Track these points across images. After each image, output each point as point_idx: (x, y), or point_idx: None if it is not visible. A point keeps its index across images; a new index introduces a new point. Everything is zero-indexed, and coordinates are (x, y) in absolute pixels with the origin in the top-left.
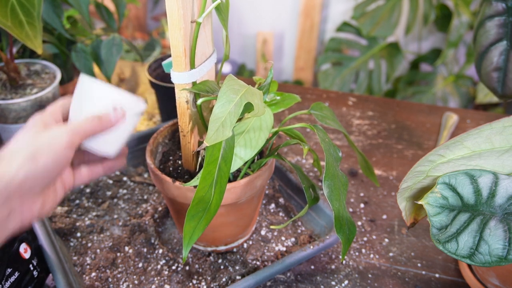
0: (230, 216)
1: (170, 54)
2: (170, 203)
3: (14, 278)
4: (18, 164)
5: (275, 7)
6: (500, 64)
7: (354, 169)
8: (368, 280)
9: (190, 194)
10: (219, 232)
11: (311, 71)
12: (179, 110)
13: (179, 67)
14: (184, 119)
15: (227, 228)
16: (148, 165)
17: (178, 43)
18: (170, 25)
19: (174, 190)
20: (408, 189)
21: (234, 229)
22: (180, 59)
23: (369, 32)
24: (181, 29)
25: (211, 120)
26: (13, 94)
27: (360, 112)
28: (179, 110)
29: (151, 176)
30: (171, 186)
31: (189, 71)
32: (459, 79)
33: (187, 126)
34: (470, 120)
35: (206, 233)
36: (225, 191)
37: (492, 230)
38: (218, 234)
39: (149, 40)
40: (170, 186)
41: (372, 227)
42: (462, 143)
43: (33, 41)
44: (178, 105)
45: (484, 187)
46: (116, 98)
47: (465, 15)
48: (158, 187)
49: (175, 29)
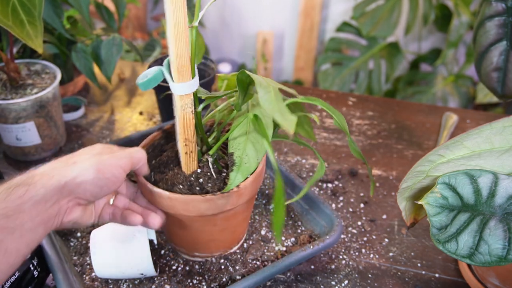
0: (219, 226)
1: (167, 55)
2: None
3: (14, 278)
4: (80, 170)
5: (275, 7)
6: (500, 64)
7: (354, 169)
8: (368, 280)
9: (181, 206)
10: (214, 242)
11: (311, 71)
12: (182, 122)
13: (185, 77)
14: (189, 131)
15: (220, 237)
16: (142, 183)
17: (183, 52)
18: (175, 35)
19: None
20: (408, 189)
21: (229, 236)
22: (186, 69)
23: (369, 32)
24: (187, 37)
25: (274, 116)
26: (13, 94)
27: (360, 112)
28: (183, 122)
29: (150, 195)
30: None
31: (192, 79)
32: (459, 79)
33: (192, 136)
34: (470, 120)
35: (203, 243)
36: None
37: (492, 230)
38: (213, 243)
39: (149, 40)
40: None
41: (372, 227)
42: (462, 143)
43: (34, 41)
44: (181, 118)
45: (484, 187)
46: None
47: (465, 15)
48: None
49: (181, 38)
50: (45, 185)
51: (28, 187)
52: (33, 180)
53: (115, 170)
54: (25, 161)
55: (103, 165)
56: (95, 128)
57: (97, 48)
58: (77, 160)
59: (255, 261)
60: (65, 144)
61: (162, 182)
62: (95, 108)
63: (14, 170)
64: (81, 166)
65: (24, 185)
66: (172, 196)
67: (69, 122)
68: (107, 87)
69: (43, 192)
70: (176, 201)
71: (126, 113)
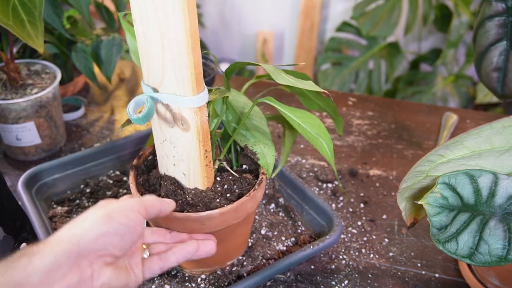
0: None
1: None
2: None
3: None
4: (91, 223)
5: (275, 7)
6: (500, 64)
7: (354, 169)
8: (368, 280)
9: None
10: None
11: (311, 71)
12: (202, 134)
13: (201, 86)
14: (208, 140)
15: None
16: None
17: (199, 61)
18: (193, 45)
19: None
20: (408, 189)
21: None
22: (201, 77)
23: (368, 32)
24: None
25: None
26: (13, 94)
27: (360, 112)
28: (203, 134)
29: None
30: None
31: (204, 87)
32: (459, 79)
33: (209, 145)
34: (470, 120)
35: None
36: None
37: (492, 230)
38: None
39: None
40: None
41: (372, 227)
42: (462, 143)
43: (34, 41)
44: (200, 130)
45: (484, 187)
46: None
47: (465, 15)
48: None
49: (196, 48)
50: (54, 250)
51: (31, 257)
52: (37, 249)
53: (130, 214)
54: (25, 161)
55: (114, 211)
56: (95, 128)
57: (97, 48)
58: (85, 217)
59: (261, 259)
60: (65, 144)
61: (184, 205)
62: (95, 108)
63: (14, 170)
64: (91, 219)
65: (27, 255)
66: (224, 210)
67: (69, 122)
68: (107, 87)
69: (52, 259)
70: (227, 213)
71: (126, 113)
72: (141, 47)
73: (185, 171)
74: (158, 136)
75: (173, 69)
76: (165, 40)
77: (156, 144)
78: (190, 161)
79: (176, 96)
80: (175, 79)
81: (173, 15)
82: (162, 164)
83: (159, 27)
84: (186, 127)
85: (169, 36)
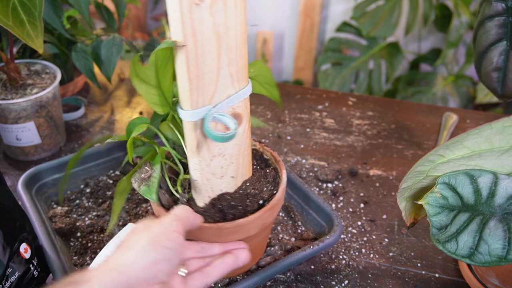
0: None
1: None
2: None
3: (14, 278)
4: (138, 251)
5: (275, 7)
6: (500, 64)
7: (354, 169)
8: (368, 280)
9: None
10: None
11: (311, 71)
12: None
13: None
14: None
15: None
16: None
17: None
18: (245, 39)
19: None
20: (408, 189)
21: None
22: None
23: (369, 32)
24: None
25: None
26: (13, 94)
27: (360, 112)
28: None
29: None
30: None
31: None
32: (459, 79)
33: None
34: (470, 120)
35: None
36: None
37: (491, 230)
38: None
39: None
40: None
41: (372, 227)
42: (462, 143)
43: (34, 41)
44: (249, 117)
45: (484, 187)
46: None
47: (465, 15)
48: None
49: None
50: (101, 279)
51: (79, 286)
52: (84, 277)
53: (173, 236)
54: (25, 161)
55: (159, 236)
56: (95, 128)
57: (97, 48)
58: (129, 245)
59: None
60: (65, 144)
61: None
62: (95, 108)
63: (14, 170)
64: (137, 248)
65: (75, 284)
66: (253, 217)
67: (69, 122)
68: (107, 87)
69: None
70: (258, 218)
71: (126, 113)
72: (184, 67)
73: (233, 174)
74: (205, 157)
75: (229, 69)
76: (222, 42)
77: (195, 175)
78: (239, 157)
79: (232, 97)
80: (230, 80)
81: (234, 12)
82: (202, 193)
83: (215, 31)
84: (239, 122)
85: (228, 34)
